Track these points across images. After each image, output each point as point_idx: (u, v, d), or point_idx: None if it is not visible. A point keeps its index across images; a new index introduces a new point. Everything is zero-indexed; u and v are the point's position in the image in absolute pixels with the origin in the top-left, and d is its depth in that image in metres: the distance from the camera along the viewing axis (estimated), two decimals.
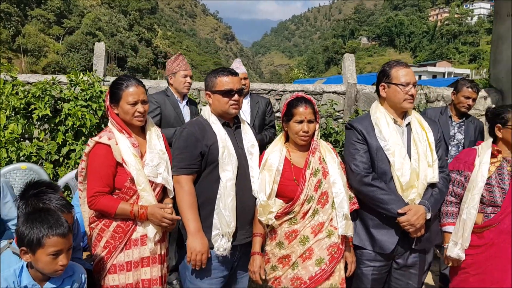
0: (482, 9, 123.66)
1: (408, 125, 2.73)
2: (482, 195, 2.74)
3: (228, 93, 2.60)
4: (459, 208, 2.83)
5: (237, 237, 2.56)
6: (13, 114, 4.49)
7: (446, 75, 51.51)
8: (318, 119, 2.65)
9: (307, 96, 2.66)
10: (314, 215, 2.54)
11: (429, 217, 2.57)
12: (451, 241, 2.80)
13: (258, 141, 2.82)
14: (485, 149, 2.85)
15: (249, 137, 2.76)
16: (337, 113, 6.56)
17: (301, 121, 2.58)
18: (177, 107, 3.99)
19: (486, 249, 2.73)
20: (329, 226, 2.54)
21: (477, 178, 2.76)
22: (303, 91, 6.61)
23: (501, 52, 6.91)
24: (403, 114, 2.75)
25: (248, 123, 2.92)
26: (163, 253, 2.64)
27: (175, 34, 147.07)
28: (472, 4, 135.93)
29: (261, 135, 4.08)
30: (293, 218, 2.54)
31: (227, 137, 2.59)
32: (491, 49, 7.30)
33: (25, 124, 4.51)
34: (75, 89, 4.71)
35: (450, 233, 2.83)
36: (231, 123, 2.72)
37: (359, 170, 2.63)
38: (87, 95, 4.60)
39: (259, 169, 2.65)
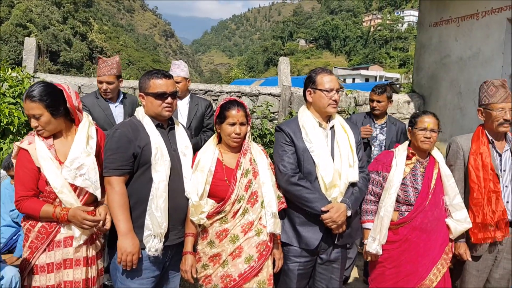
0: (412, 16, 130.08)
1: (332, 128, 2.88)
2: (397, 195, 2.94)
3: (161, 96, 2.61)
4: (378, 206, 3.01)
5: (169, 238, 2.58)
6: None
7: (377, 79, 53.89)
8: (249, 122, 2.73)
9: (239, 99, 2.73)
10: (244, 214, 2.60)
11: (349, 214, 2.72)
12: (370, 237, 2.97)
13: (192, 144, 2.84)
14: (401, 151, 3.06)
15: (183, 138, 2.79)
16: (272, 115, 6.71)
17: (234, 124, 2.64)
18: (107, 108, 3.92)
19: (400, 245, 2.93)
20: (258, 224, 2.61)
21: (394, 178, 2.95)
22: (240, 92, 6.71)
23: (424, 59, 7.39)
24: (328, 117, 2.90)
25: (182, 125, 2.94)
26: (91, 255, 2.60)
27: (112, 28, 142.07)
28: (402, 11, 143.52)
29: (196, 138, 4.03)
30: (224, 217, 2.59)
31: (160, 139, 2.61)
32: (415, 56, 7.76)
33: None
34: (2, 85, 4.50)
35: (369, 229, 3.00)
36: (165, 125, 2.74)
37: (287, 170, 2.74)
38: (16, 92, 4.41)
39: (192, 170, 2.70)
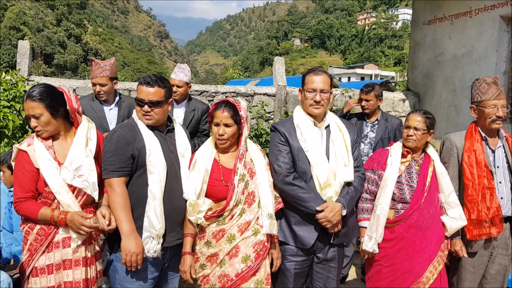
0: (406, 14, 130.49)
1: (327, 127, 2.89)
2: (393, 193, 2.95)
3: (139, 103, 2.62)
4: (374, 204, 3.02)
5: (167, 239, 2.59)
6: None
7: (373, 77, 54.08)
8: (242, 124, 2.69)
9: (234, 101, 2.71)
10: (241, 215, 2.60)
11: (344, 213, 2.72)
12: (366, 235, 2.98)
13: None
14: (396, 149, 3.07)
15: (182, 140, 2.79)
16: (268, 114, 6.73)
17: (217, 124, 2.65)
18: (100, 111, 3.92)
19: (396, 243, 2.94)
20: (256, 224, 2.61)
21: (389, 176, 2.96)
22: (235, 92, 6.72)
23: (418, 58, 7.43)
24: (322, 117, 2.90)
25: (182, 126, 2.93)
26: (90, 255, 2.61)
27: (107, 30, 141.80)
28: (397, 9, 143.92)
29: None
30: (222, 220, 2.59)
31: (155, 140, 2.61)
32: (409, 54, 7.81)
33: None
34: None
35: (365, 228, 3.01)
36: (162, 127, 2.74)
37: (282, 170, 2.75)
38: (10, 95, 4.40)
39: (189, 169, 2.70)
